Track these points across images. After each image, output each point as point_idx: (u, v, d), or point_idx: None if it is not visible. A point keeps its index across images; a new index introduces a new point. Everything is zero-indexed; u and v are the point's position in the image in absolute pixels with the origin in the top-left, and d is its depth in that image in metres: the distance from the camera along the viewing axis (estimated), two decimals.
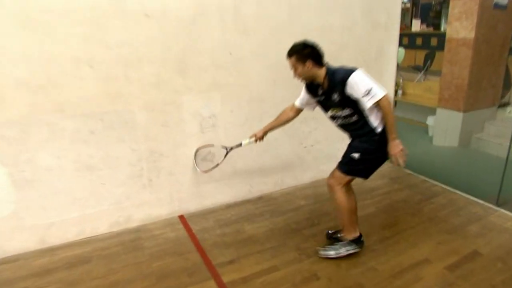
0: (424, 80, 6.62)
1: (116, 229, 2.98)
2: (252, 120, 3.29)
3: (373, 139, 2.36)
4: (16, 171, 2.52)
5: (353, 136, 2.51)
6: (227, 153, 2.99)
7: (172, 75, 2.86)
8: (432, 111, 5.53)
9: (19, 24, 2.32)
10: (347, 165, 2.46)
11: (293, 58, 2.35)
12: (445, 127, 5.10)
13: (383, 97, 2.20)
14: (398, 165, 2.32)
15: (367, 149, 2.39)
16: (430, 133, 5.57)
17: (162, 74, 2.82)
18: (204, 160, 3.19)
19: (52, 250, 2.72)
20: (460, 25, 4.53)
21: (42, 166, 2.60)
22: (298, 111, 2.74)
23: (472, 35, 4.42)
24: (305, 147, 3.67)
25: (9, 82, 2.36)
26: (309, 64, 2.31)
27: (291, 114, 2.75)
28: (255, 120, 3.30)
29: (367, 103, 2.21)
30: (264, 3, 3.05)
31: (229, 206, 3.35)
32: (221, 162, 3.01)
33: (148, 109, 2.84)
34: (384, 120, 2.30)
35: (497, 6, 4.46)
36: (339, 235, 2.69)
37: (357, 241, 2.58)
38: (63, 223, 2.78)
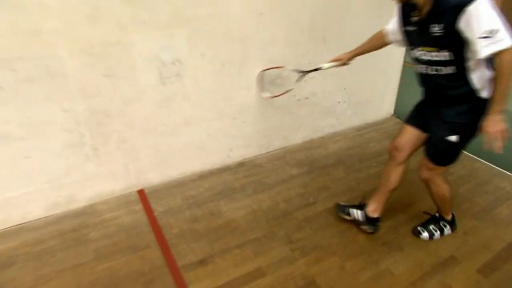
0: None
1: (55, 212, 2.29)
2: (231, 66, 2.48)
3: (474, 107, 1.70)
4: None
5: (441, 97, 1.80)
6: (301, 77, 2.42)
7: (115, 3, 1.97)
8: None
9: None
10: (443, 155, 1.87)
11: None
12: None
13: (510, 47, 1.47)
14: (490, 149, 1.64)
15: (467, 125, 1.74)
16: None
17: (101, 1, 1.93)
18: (272, 84, 2.60)
19: None
20: None
21: None
22: (388, 41, 2.03)
23: None
24: (298, 100, 2.92)
25: None
26: None
27: (384, 41, 2.06)
28: (235, 66, 2.50)
29: (483, 50, 1.48)
30: None
31: (202, 177, 2.67)
32: (293, 88, 2.55)
33: (83, 52, 1.99)
34: (493, 84, 1.60)
35: None
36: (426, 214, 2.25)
37: (451, 222, 2.19)
38: None
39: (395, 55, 3.36)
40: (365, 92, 3.32)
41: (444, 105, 1.78)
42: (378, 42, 2.09)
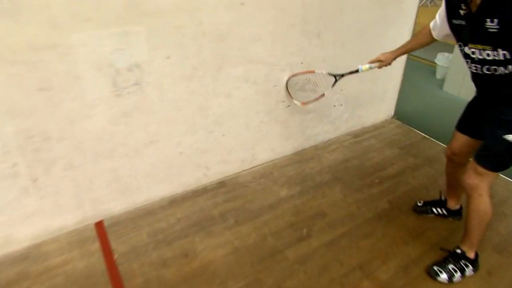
0: (430, 3, 5.27)
1: None
2: (205, 69, 2.01)
3: None
4: None
5: (499, 96, 1.58)
6: (336, 81, 2.20)
7: None
8: (443, 46, 3.94)
9: None
10: (497, 157, 1.61)
11: None
12: (462, 72, 3.77)
13: None
14: None
15: None
16: (438, 76, 4.31)
17: None
18: (303, 90, 2.28)
19: None
20: None
21: None
22: (434, 37, 1.84)
23: None
24: (288, 106, 2.47)
25: None
26: None
27: (430, 38, 1.86)
28: (210, 70, 2.03)
29: None
30: None
31: (173, 202, 2.23)
32: (327, 92, 2.23)
33: (3, 61, 1.50)
34: None
35: None
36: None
37: (474, 262, 1.82)
38: None
39: (396, 42, 2.93)
40: (363, 92, 2.88)
41: (503, 104, 1.56)
42: (424, 40, 1.89)
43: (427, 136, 2.99)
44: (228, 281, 1.74)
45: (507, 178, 2.49)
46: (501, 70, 1.47)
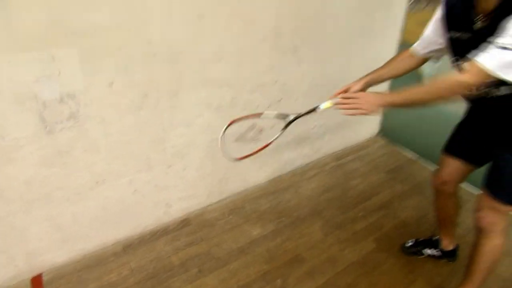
0: (426, 7, 5.01)
1: None
2: (158, 97, 1.70)
3: None
4: None
5: (499, 115, 1.41)
6: (287, 125, 1.57)
7: None
8: None
9: None
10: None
11: None
12: None
13: None
14: None
15: None
16: None
17: None
18: (242, 140, 1.74)
19: None
20: None
21: None
22: (421, 60, 1.56)
23: None
24: (261, 130, 2.17)
25: None
26: None
27: (411, 63, 1.56)
28: (164, 96, 1.72)
29: (480, 55, 1.16)
30: None
31: (128, 248, 1.90)
32: (275, 139, 1.58)
33: None
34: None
35: None
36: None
37: None
38: None
39: (382, 56, 2.67)
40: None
41: (505, 121, 1.39)
42: (402, 65, 1.57)
43: (415, 157, 2.73)
44: None
45: None
46: (502, 90, 1.29)
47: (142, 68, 1.60)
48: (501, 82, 1.20)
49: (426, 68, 4.04)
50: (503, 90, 1.29)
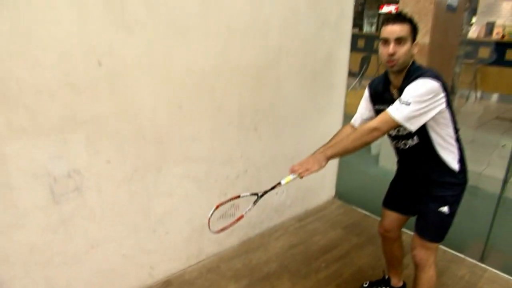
0: (359, 87, 5.96)
1: None
2: (145, 171, 2.06)
3: (456, 177, 1.74)
4: None
5: (420, 172, 1.82)
6: (257, 199, 1.85)
7: None
8: None
9: None
10: (439, 229, 1.78)
11: (408, 26, 1.59)
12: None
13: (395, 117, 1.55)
14: None
15: (453, 196, 1.75)
16: (373, 151, 4.74)
17: None
18: (223, 217, 1.93)
19: None
20: None
21: None
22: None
23: (427, 40, 3.67)
24: (237, 207, 2.53)
25: None
26: (417, 46, 1.66)
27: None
28: (151, 171, 2.08)
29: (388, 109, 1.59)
30: None
31: None
32: (247, 212, 1.85)
33: None
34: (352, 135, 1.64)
35: (449, 8, 3.79)
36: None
37: None
38: None
39: (332, 129, 3.21)
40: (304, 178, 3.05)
41: (427, 181, 1.78)
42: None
43: (368, 214, 3.15)
44: None
45: (443, 247, 2.64)
46: (412, 141, 1.70)
47: (134, 147, 1.99)
48: (412, 133, 1.62)
49: None
50: (415, 139, 1.69)
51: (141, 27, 1.82)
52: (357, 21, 8.83)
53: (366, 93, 1.91)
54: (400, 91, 1.62)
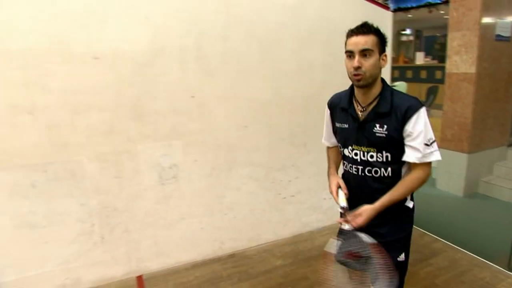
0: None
1: None
2: (220, 170, 2.98)
3: (408, 215, 1.69)
4: None
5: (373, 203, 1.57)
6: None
7: (126, 122, 2.62)
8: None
9: None
10: (400, 282, 1.62)
11: (373, 38, 1.50)
12: (448, 170, 4.61)
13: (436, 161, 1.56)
14: None
15: (406, 237, 1.68)
16: (434, 175, 5.03)
17: (114, 121, 2.58)
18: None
19: None
20: (460, 59, 4.19)
21: None
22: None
23: (473, 69, 4.05)
24: (284, 198, 3.30)
25: None
26: (385, 57, 1.56)
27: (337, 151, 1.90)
28: (223, 170, 2.99)
29: (416, 157, 1.51)
30: (230, 41, 2.83)
31: (194, 266, 2.98)
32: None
33: (99, 159, 2.59)
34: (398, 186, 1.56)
35: (499, 38, 4.11)
36: None
37: None
38: None
39: None
40: None
41: (378, 221, 1.56)
42: (336, 154, 1.91)
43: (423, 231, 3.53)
44: None
45: (472, 254, 2.95)
46: (381, 171, 1.58)
47: (213, 153, 2.93)
48: (387, 163, 1.55)
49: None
50: (384, 172, 1.58)
51: (219, 72, 2.83)
52: (440, 53, 8.91)
53: (327, 115, 1.82)
54: (373, 114, 1.55)
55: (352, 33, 1.53)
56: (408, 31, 11.56)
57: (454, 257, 2.99)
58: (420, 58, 8.72)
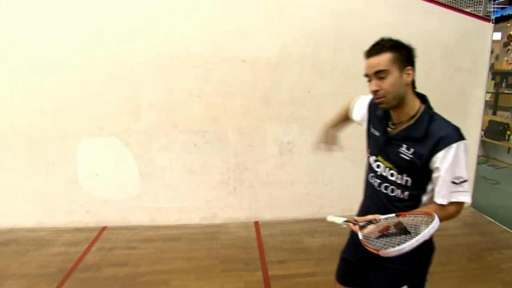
0: None
1: (204, 222, 3.82)
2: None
3: (423, 247, 1.31)
4: (142, 165, 3.62)
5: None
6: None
7: (258, 107, 3.61)
8: None
9: (158, 69, 3.43)
10: None
11: (388, 55, 1.37)
12: None
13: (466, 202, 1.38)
14: None
15: (415, 269, 1.54)
16: None
17: (251, 105, 3.60)
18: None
19: (156, 227, 3.71)
20: None
21: (159, 165, 3.63)
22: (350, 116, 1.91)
23: None
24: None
25: (144, 104, 3.49)
26: (409, 71, 1.41)
27: (349, 115, 1.97)
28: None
29: (445, 195, 1.36)
30: (340, 51, 3.59)
31: (297, 221, 3.86)
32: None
33: (238, 131, 3.65)
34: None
35: None
36: None
37: None
38: (168, 209, 3.75)
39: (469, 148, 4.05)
40: None
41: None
42: (345, 115, 1.98)
43: (492, 221, 3.80)
44: (315, 254, 3.20)
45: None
46: (398, 192, 1.46)
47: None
48: (405, 187, 1.43)
49: None
50: (400, 194, 1.45)
51: (328, 74, 3.63)
52: None
53: (365, 107, 1.71)
54: (403, 135, 1.42)
55: (365, 55, 1.43)
56: None
57: None
58: None
